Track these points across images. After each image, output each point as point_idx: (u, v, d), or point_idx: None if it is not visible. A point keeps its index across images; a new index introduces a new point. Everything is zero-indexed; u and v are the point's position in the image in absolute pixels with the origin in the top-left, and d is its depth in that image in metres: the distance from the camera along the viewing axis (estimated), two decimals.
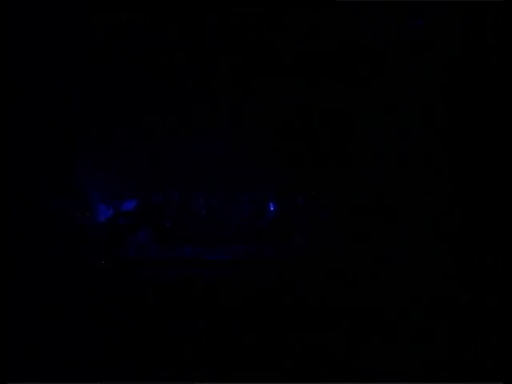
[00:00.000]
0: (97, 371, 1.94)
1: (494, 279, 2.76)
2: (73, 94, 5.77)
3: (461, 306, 2.65)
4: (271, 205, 5.60)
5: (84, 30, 4.50)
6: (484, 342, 2.11)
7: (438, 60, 3.83)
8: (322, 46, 4.34)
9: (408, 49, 3.73)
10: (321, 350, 2.20)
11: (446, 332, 2.31)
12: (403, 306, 2.67)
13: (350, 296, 2.84)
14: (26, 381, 1.81)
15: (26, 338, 2.20)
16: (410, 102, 3.69)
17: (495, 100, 3.26)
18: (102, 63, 5.27)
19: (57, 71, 5.24)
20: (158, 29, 4.42)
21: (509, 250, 2.75)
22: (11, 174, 4.11)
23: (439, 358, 2.02)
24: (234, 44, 4.93)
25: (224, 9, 4.20)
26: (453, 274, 3.06)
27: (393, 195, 3.67)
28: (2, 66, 4.01)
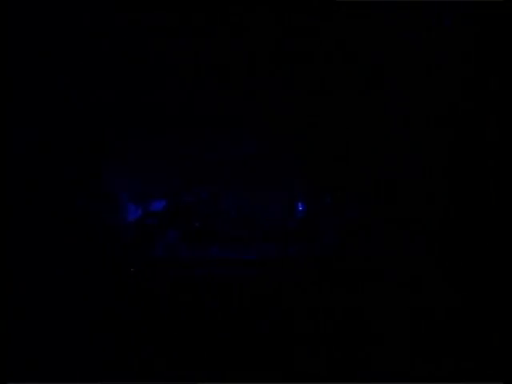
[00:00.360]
0: (101, 371, 1.94)
1: (494, 279, 2.76)
2: (102, 96, 5.94)
3: (461, 306, 2.66)
4: (300, 204, 5.62)
5: (115, 30, 4.58)
6: (484, 342, 2.11)
7: (442, 59, 3.84)
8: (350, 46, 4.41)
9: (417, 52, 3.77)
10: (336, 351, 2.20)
11: (445, 332, 2.32)
12: (408, 306, 2.68)
13: (376, 297, 2.84)
14: (26, 381, 1.81)
15: (33, 338, 2.21)
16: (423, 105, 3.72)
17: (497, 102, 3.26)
18: (128, 64, 5.41)
19: (86, 73, 5.41)
20: (183, 29, 4.48)
21: (505, 250, 2.76)
22: (40, 176, 4.25)
23: (439, 358, 2.03)
24: (259, 44, 4.98)
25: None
26: (454, 273, 3.07)
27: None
28: (38, 70, 4.10)
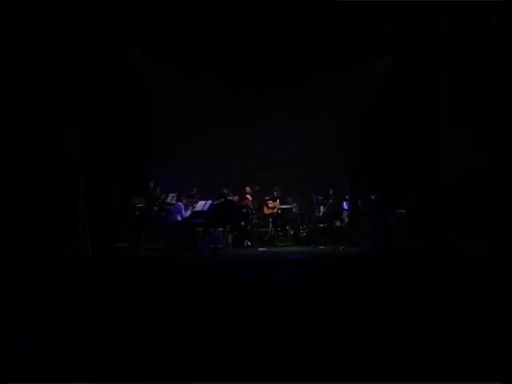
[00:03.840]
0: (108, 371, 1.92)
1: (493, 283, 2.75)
2: (152, 101, 6.27)
3: (461, 307, 2.66)
4: (346, 204, 5.45)
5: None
6: (484, 342, 2.10)
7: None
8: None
9: None
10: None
11: (446, 332, 2.31)
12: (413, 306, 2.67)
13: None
14: (26, 381, 1.81)
15: (35, 339, 2.20)
16: None
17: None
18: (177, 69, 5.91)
19: (140, 81, 5.98)
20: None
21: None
22: (97, 177, 4.70)
23: (439, 358, 2.02)
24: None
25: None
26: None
27: None
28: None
